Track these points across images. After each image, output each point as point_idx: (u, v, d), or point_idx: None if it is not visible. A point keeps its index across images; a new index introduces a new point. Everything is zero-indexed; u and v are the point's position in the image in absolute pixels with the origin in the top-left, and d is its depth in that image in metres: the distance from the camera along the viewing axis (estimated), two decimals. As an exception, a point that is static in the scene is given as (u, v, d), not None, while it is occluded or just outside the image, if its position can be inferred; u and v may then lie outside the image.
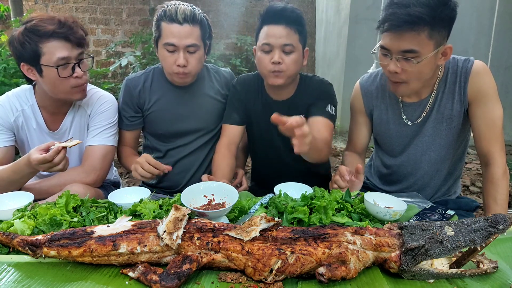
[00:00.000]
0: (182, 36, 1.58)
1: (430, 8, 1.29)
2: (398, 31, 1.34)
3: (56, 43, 1.45)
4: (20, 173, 1.44)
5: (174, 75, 1.67)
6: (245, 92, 1.80)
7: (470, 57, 1.52)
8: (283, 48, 1.55)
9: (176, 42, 1.59)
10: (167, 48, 1.62)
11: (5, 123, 1.63)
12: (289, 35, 1.54)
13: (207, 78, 1.85)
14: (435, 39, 1.34)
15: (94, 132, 1.68)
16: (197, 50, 1.65)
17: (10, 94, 1.67)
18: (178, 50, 1.61)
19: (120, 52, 6.14)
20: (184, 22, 1.58)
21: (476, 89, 1.47)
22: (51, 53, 1.45)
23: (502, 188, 1.44)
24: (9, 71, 3.26)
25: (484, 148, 1.50)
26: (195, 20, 1.61)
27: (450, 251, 0.89)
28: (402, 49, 1.36)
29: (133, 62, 4.40)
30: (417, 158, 1.66)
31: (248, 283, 0.91)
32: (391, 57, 1.41)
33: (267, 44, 1.56)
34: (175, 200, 1.28)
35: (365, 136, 1.78)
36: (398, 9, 1.32)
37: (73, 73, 1.50)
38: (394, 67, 1.41)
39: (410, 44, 1.34)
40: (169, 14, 1.58)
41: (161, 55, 1.67)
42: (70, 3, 6.10)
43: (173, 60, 1.62)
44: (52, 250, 0.95)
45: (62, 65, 1.47)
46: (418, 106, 1.59)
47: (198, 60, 1.67)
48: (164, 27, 1.60)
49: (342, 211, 1.23)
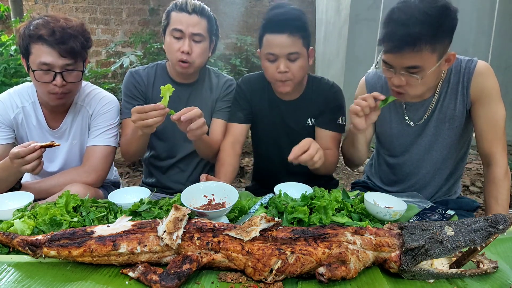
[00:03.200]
0: (189, 24, 1.63)
1: (430, 25, 1.26)
2: (400, 52, 1.32)
3: (42, 47, 1.46)
4: (7, 170, 1.42)
5: (177, 63, 1.67)
6: (250, 91, 1.80)
7: (473, 57, 1.52)
8: (288, 56, 1.54)
9: (183, 28, 1.63)
10: (174, 34, 1.65)
11: (5, 120, 1.63)
12: (293, 43, 1.52)
13: (207, 79, 1.86)
14: (438, 51, 1.33)
15: (95, 133, 1.68)
16: (202, 40, 1.67)
17: (12, 91, 1.68)
18: (184, 37, 1.64)
19: (120, 52, 6.14)
20: (193, 12, 1.63)
21: (479, 89, 1.47)
22: (36, 55, 1.47)
23: (503, 188, 1.44)
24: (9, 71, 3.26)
25: (486, 149, 1.50)
26: (203, 13, 1.66)
27: (450, 251, 0.89)
28: (405, 65, 1.35)
29: (134, 62, 4.40)
30: (419, 157, 1.66)
31: (248, 283, 0.91)
32: (394, 71, 1.39)
33: (271, 54, 1.55)
34: (175, 200, 1.28)
35: (369, 133, 1.77)
36: (397, 29, 1.29)
37: (52, 80, 1.49)
38: (398, 81, 1.40)
39: (413, 61, 1.33)
40: (179, 4, 1.64)
41: (167, 43, 1.69)
42: (70, 3, 6.10)
43: (178, 47, 1.64)
44: (52, 250, 0.95)
45: (44, 70, 1.47)
46: (421, 106, 1.59)
47: (202, 51, 1.68)
48: (173, 15, 1.65)
49: (342, 211, 1.23)
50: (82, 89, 1.71)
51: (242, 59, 5.88)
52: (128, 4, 6.23)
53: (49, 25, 1.46)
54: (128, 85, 1.79)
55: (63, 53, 1.47)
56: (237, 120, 1.79)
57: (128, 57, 4.42)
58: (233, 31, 6.20)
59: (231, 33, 6.12)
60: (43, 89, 1.52)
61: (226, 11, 6.15)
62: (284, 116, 1.77)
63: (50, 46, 1.45)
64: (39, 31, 1.45)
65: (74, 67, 1.52)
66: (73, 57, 1.49)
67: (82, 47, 1.52)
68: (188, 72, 1.72)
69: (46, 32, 1.44)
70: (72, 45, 1.47)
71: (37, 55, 1.46)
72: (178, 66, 1.68)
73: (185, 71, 1.71)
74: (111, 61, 6.05)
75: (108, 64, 6.03)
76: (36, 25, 1.46)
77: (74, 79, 1.54)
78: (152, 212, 1.22)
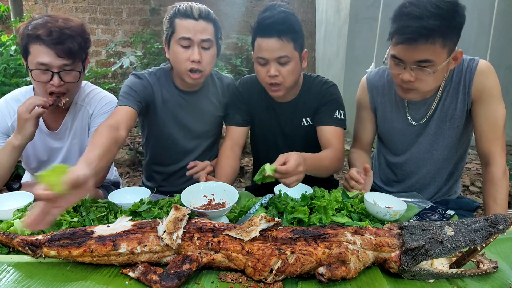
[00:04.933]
0: (197, 30, 1.55)
1: (443, 18, 1.28)
2: (413, 44, 1.32)
3: (40, 47, 1.46)
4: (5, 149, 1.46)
5: (186, 74, 1.59)
6: (247, 93, 1.79)
7: (475, 56, 1.52)
8: (278, 60, 1.51)
9: (191, 36, 1.54)
10: (181, 43, 1.56)
11: (3, 128, 1.63)
12: (282, 47, 1.49)
13: (211, 84, 1.82)
14: (448, 46, 1.34)
15: None
16: (211, 46, 1.60)
17: (9, 98, 1.68)
18: (192, 45, 1.56)
19: (120, 52, 6.15)
20: (199, 18, 1.55)
21: (480, 88, 1.47)
22: (34, 55, 1.47)
23: (502, 188, 1.44)
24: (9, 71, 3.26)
25: (484, 148, 1.50)
26: (209, 18, 1.58)
27: (450, 251, 0.89)
28: (417, 59, 1.35)
29: (134, 62, 4.40)
30: (420, 156, 1.66)
31: (248, 283, 0.91)
32: (404, 66, 1.39)
33: (261, 58, 1.53)
34: (175, 200, 1.28)
35: (371, 132, 1.77)
36: (411, 22, 1.29)
37: (50, 80, 1.49)
38: (408, 77, 1.39)
39: (425, 54, 1.33)
40: (184, 11, 1.55)
41: (174, 52, 1.60)
42: (70, 3, 6.11)
43: (187, 56, 1.56)
44: (52, 250, 0.95)
45: (42, 70, 1.47)
46: (423, 105, 1.59)
47: (211, 58, 1.63)
48: (178, 23, 1.56)
49: (342, 211, 1.23)
50: (82, 89, 1.71)
51: (243, 59, 5.89)
52: (128, 4, 6.24)
53: (47, 25, 1.45)
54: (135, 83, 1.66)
55: (60, 54, 1.46)
56: (236, 123, 1.78)
57: (128, 57, 4.42)
58: (234, 31, 6.21)
59: (231, 33, 6.13)
60: (41, 88, 1.52)
61: (226, 11, 6.16)
62: (280, 118, 1.76)
63: (47, 46, 1.45)
64: (37, 31, 1.45)
65: (72, 67, 1.51)
66: (71, 57, 1.49)
67: (80, 47, 1.51)
68: (199, 82, 1.66)
69: (43, 32, 1.44)
70: (69, 45, 1.47)
71: (35, 55, 1.47)
72: (188, 77, 1.60)
73: (196, 82, 1.64)
74: (111, 61, 6.05)
75: (108, 64, 6.03)
76: (34, 25, 1.46)
77: (72, 79, 1.54)
78: (152, 212, 1.22)
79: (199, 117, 1.79)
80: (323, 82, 1.73)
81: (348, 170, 1.51)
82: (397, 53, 1.38)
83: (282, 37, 1.48)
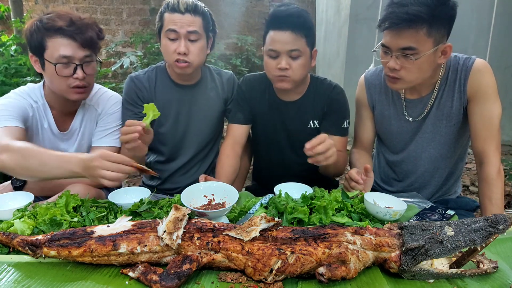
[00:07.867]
0: (183, 23, 1.60)
1: (428, 6, 1.32)
2: (397, 29, 1.37)
3: (61, 40, 1.43)
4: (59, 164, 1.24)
5: (175, 64, 1.64)
6: (250, 91, 1.79)
7: (472, 55, 1.53)
8: (289, 53, 1.53)
9: (177, 28, 1.60)
10: (169, 36, 1.62)
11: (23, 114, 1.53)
12: (295, 41, 1.52)
13: (209, 79, 1.84)
14: (433, 37, 1.36)
15: (102, 133, 1.66)
16: (198, 38, 1.64)
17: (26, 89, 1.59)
18: (179, 37, 1.61)
19: (120, 52, 6.15)
20: (186, 11, 1.60)
21: (476, 86, 1.47)
22: (54, 48, 1.44)
23: (496, 187, 1.43)
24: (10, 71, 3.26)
25: (479, 147, 1.49)
26: (197, 11, 1.62)
27: (450, 251, 0.89)
28: (401, 46, 1.39)
29: (134, 62, 4.40)
30: (417, 154, 1.66)
31: (248, 283, 0.91)
32: (391, 54, 1.43)
33: (273, 50, 1.55)
34: (175, 200, 1.28)
35: (371, 131, 1.78)
36: (397, 8, 1.35)
37: (73, 74, 1.47)
38: (393, 64, 1.43)
39: (408, 41, 1.37)
40: (171, 5, 1.61)
41: (163, 45, 1.66)
42: (71, 3, 6.11)
43: (174, 48, 1.61)
44: (52, 250, 0.95)
45: (64, 63, 1.45)
46: (420, 102, 1.59)
47: (199, 50, 1.65)
48: (166, 16, 1.62)
49: (342, 211, 1.23)
50: None
51: (243, 59, 5.89)
52: (128, 4, 6.24)
53: (65, 16, 1.44)
54: (129, 92, 1.74)
55: (83, 44, 1.45)
56: (237, 121, 1.78)
57: (128, 57, 4.42)
58: (234, 31, 6.20)
59: (231, 33, 6.13)
60: (63, 83, 1.48)
61: (226, 11, 6.15)
62: (284, 117, 1.76)
63: (69, 37, 1.43)
64: (56, 23, 1.42)
65: (91, 58, 1.51)
66: (91, 47, 1.49)
67: (98, 37, 1.52)
68: (187, 72, 1.69)
69: (64, 23, 1.42)
70: (90, 34, 1.47)
71: (55, 48, 1.43)
72: (176, 67, 1.65)
73: (184, 71, 1.68)
74: (112, 61, 6.05)
75: (109, 64, 6.03)
76: (51, 17, 1.43)
77: (92, 71, 1.53)
78: (152, 212, 1.22)
79: (197, 111, 1.80)
80: (332, 87, 1.74)
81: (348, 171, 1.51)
82: (384, 40, 1.43)
83: (296, 31, 1.51)
